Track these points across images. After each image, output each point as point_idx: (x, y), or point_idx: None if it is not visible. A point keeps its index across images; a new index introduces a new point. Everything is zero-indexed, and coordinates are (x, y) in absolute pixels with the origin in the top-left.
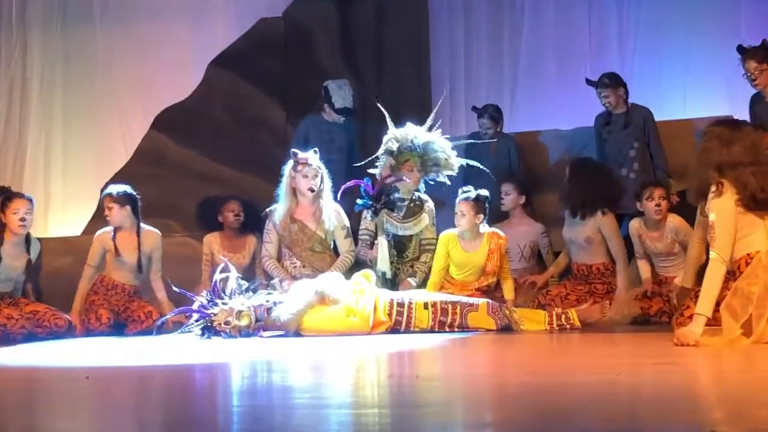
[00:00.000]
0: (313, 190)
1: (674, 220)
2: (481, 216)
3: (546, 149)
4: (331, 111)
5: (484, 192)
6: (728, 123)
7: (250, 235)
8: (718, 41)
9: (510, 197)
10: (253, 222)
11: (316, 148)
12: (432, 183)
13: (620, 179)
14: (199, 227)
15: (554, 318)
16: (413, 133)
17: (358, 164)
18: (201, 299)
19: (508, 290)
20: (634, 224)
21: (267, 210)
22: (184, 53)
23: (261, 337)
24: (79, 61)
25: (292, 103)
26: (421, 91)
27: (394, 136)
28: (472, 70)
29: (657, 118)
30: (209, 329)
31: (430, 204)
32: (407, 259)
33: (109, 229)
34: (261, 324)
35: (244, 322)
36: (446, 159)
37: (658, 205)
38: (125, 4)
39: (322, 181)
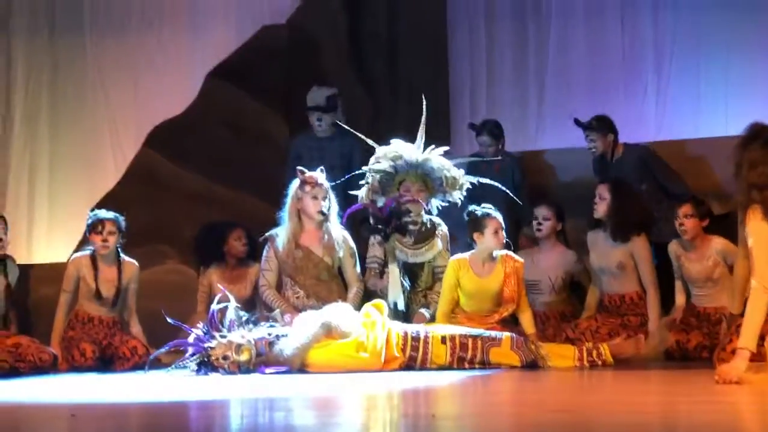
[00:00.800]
0: (323, 213)
1: (719, 244)
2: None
3: (570, 168)
4: (312, 120)
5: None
6: (756, 138)
7: (253, 265)
8: (761, 49)
9: (548, 223)
10: (255, 250)
11: (323, 167)
12: (441, 207)
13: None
14: (200, 259)
15: (584, 353)
16: (405, 150)
17: (337, 182)
18: (197, 332)
19: (527, 323)
20: (672, 245)
21: (267, 234)
22: (180, 64)
23: (262, 373)
24: (67, 73)
25: (295, 118)
26: (439, 104)
27: (384, 155)
28: (495, 81)
29: (696, 135)
30: (206, 365)
31: (443, 228)
32: (419, 289)
33: (87, 253)
34: (262, 359)
35: (244, 357)
36: (453, 177)
37: (681, 224)
38: (117, 11)
39: (330, 203)
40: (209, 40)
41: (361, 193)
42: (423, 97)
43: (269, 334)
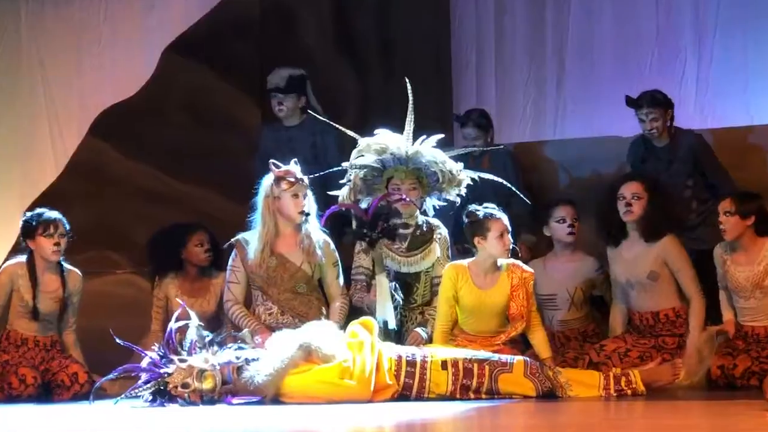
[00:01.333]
0: (306, 214)
1: None
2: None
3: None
4: (273, 105)
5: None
6: None
7: (217, 275)
8: None
9: (577, 225)
10: (220, 257)
11: (296, 159)
12: (438, 207)
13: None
14: (154, 269)
15: (611, 381)
16: (391, 141)
17: (308, 177)
18: (152, 355)
19: (542, 345)
20: (717, 249)
21: (232, 240)
22: (132, 37)
23: (229, 404)
24: None
25: (269, 101)
26: (441, 88)
27: (367, 147)
28: (506, 58)
29: (743, 123)
30: (162, 394)
31: (442, 231)
32: (415, 304)
33: (22, 261)
34: (229, 387)
35: (207, 385)
36: (450, 172)
37: (720, 222)
38: None
39: (310, 202)
40: (167, 10)
41: (343, 193)
42: (407, 79)
43: (237, 358)
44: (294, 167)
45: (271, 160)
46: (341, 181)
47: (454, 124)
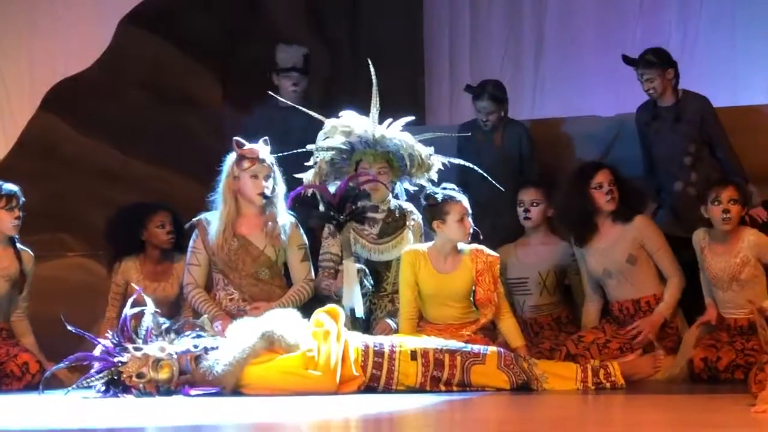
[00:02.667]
0: (266, 197)
1: (753, 236)
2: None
3: (572, 142)
4: (277, 79)
5: (432, 189)
6: None
7: (179, 258)
8: None
9: (538, 209)
10: (182, 239)
11: (267, 138)
12: (413, 191)
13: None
14: (112, 252)
15: (589, 373)
16: (357, 123)
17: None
18: (105, 343)
19: (513, 333)
20: (699, 234)
21: (194, 220)
22: (87, 7)
23: (186, 395)
24: None
25: (232, 77)
26: (413, 67)
27: (333, 128)
28: (480, 34)
29: (734, 103)
30: (116, 384)
31: (416, 216)
32: (385, 293)
33: None
34: (187, 378)
35: (163, 375)
36: (420, 157)
37: (726, 210)
38: None
39: (275, 183)
40: None
41: (307, 177)
42: (369, 60)
43: (195, 347)
44: (260, 146)
45: (235, 138)
46: (306, 164)
47: (427, 101)
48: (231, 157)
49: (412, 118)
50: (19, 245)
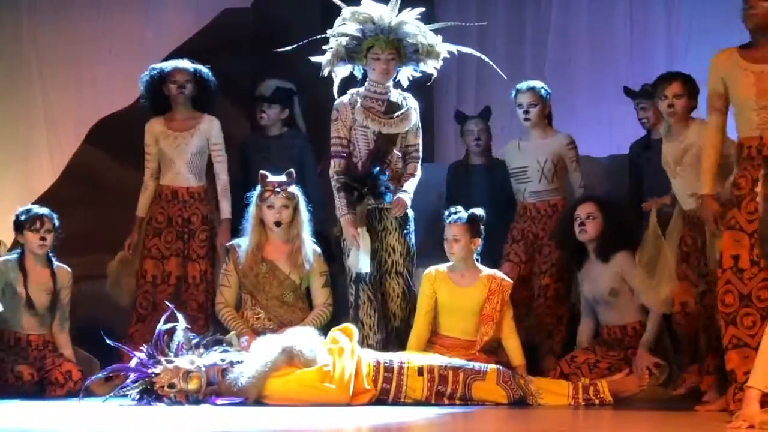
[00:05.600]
0: (279, 224)
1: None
2: (478, 241)
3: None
4: (257, 112)
5: (479, 210)
6: None
7: (204, 116)
8: None
9: (537, 108)
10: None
11: (292, 170)
12: (413, 77)
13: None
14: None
15: (580, 390)
16: (376, 11)
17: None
18: (140, 355)
19: (515, 352)
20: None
21: (227, 244)
22: (129, 51)
23: (213, 404)
24: None
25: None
26: (423, 99)
27: (351, 16)
28: (485, 71)
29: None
30: (149, 393)
31: (414, 103)
32: (388, 165)
33: (12, 257)
34: (214, 389)
35: (192, 385)
36: (430, 44)
37: (671, 105)
38: None
39: (297, 213)
40: (164, 25)
41: (324, 60)
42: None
43: (222, 361)
44: (278, 178)
45: (261, 171)
46: (324, 47)
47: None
48: (257, 189)
49: (423, 9)
50: (56, 263)
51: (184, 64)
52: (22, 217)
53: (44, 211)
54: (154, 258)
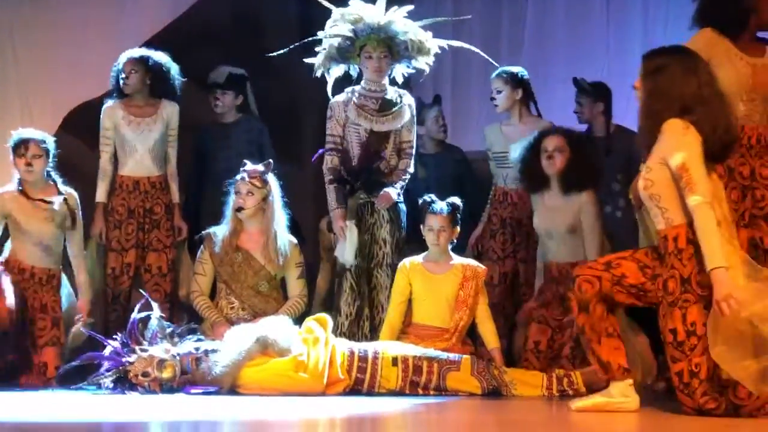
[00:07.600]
0: (239, 209)
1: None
2: (457, 230)
3: None
4: (211, 100)
5: (457, 199)
6: (681, 49)
7: (163, 102)
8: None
9: (502, 95)
10: (163, 86)
11: (270, 160)
12: (407, 74)
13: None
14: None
15: (554, 381)
16: (365, 11)
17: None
18: (114, 344)
19: (490, 337)
20: None
21: (203, 233)
22: (106, 39)
23: (187, 393)
24: None
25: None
26: None
27: (341, 17)
28: (461, 69)
29: None
30: (123, 381)
31: (410, 100)
32: (384, 160)
33: (12, 189)
34: (188, 377)
35: (167, 374)
36: (420, 41)
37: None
38: None
39: (267, 203)
40: (137, 15)
41: (317, 61)
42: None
43: (196, 349)
44: (254, 166)
45: (245, 160)
46: (317, 49)
47: None
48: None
49: (412, 7)
50: (65, 187)
51: (131, 52)
52: (12, 143)
53: (32, 134)
54: (114, 250)
